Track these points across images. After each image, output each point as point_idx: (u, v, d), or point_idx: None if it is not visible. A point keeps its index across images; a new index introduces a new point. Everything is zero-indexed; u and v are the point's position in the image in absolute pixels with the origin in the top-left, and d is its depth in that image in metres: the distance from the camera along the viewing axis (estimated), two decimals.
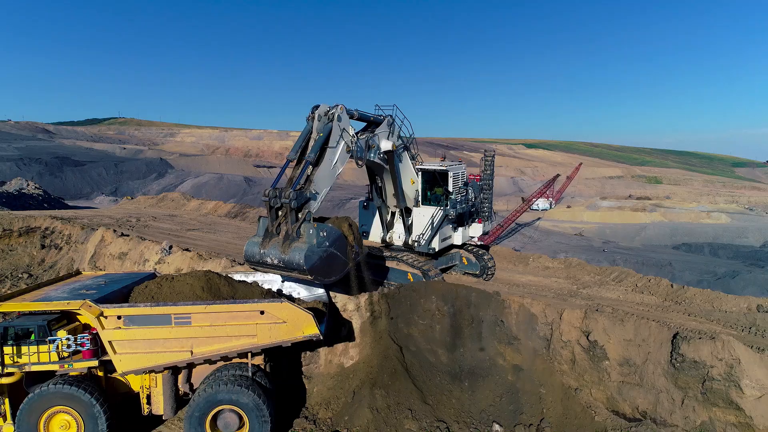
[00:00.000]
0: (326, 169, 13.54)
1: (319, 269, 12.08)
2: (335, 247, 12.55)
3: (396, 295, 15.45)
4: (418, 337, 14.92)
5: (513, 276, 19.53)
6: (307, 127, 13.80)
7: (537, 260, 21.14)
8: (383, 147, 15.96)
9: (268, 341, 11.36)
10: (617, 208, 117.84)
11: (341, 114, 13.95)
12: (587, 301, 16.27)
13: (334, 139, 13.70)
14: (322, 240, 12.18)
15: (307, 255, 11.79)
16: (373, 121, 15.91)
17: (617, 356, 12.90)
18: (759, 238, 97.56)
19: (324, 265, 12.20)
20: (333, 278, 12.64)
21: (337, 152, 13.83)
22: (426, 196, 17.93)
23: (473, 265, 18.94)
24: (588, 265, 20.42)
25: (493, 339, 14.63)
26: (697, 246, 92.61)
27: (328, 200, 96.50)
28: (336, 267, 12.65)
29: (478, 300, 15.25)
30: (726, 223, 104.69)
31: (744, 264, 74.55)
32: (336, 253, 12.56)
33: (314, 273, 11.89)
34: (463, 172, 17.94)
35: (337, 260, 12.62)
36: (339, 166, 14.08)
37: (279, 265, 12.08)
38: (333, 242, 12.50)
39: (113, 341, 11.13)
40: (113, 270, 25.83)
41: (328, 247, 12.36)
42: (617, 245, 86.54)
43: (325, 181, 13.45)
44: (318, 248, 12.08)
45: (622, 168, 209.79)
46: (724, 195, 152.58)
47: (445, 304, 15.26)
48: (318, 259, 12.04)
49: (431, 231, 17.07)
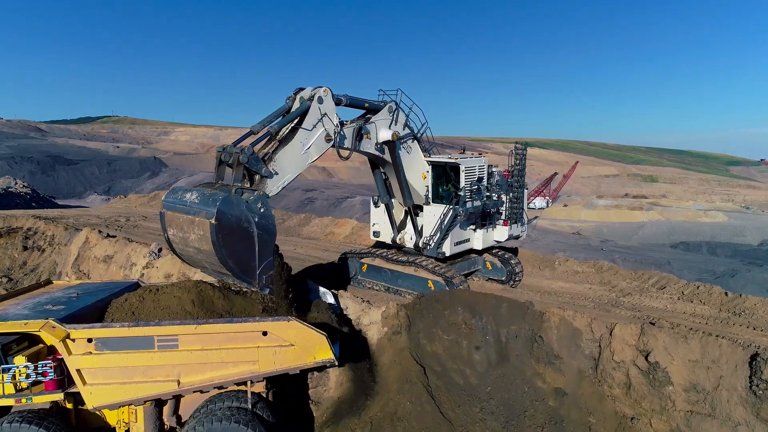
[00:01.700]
0: (294, 151, 11.77)
1: (228, 232, 9.70)
2: (267, 230, 10.36)
3: (417, 306, 13.49)
4: (443, 355, 12.97)
5: (541, 282, 17.61)
6: (284, 105, 12.14)
7: (564, 264, 19.23)
8: (382, 137, 14.00)
9: (272, 368, 9.35)
10: (614, 207, 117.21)
11: (324, 96, 12.17)
12: (633, 312, 14.37)
13: (310, 121, 11.96)
14: (257, 208, 10.15)
15: (226, 204, 9.73)
16: (371, 107, 13.97)
17: (682, 380, 10.99)
18: (757, 236, 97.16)
19: (236, 233, 9.85)
20: (234, 263, 9.94)
21: (312, 137, 12.05)
22: (437, 192, 15.94)
23: (498, 270, 16.96)
24: (621, 270, 18.54)
25: (530, 357, 12.70)
26: (694, 245, 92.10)
27: (324, 199, 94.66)
28: (247, 250, 10.09)
29: (510, 312, 13.32)
30: (723, 221, 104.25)
31: (742, 263, 73.91)
32: (263, 235, 10.24)
33: (219, 233, 9.56)
34: (481, 166, 15.88)
35: (256, 244, 10.15)
36: (313, 153, 12.22)
37: (185, 209, 10.12)
38: (268, 223, 10.36)
39: (82, 369, 9.08)
40: (98, 275, 23.74)
41: (259, 219, 10.17)
42: (615, 244, 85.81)
43: (290, 163, 11.68)
44: (245, 209, 9.99)
45: (617, 167, 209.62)
46: (720, 194, 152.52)
47: (472, 317, 13.32)
48: (236, 219, 9.85)
49: (440, 232, 15.07)
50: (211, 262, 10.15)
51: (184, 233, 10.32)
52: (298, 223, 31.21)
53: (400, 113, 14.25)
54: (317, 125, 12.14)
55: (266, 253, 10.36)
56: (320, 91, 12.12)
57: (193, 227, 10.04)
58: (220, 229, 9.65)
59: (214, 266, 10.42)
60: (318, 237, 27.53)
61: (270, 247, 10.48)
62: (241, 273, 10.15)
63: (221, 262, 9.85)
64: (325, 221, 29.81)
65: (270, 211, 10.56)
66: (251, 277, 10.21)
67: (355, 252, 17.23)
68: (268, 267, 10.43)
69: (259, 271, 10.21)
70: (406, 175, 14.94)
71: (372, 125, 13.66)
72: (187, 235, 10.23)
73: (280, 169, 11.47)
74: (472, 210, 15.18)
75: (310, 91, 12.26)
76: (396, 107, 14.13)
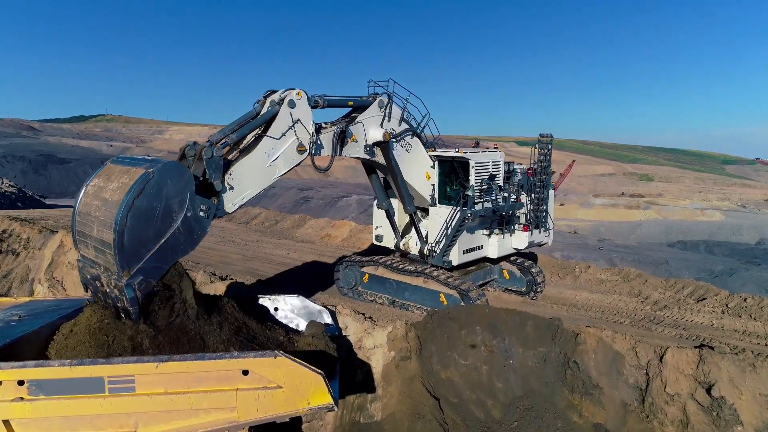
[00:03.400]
0: (256, 163, 9.95)
1: (153, 195, 8.00)
2: (189, 234, 8.50)
3: (428, 325, 11.59)
4: (460, 383, 11.08)
5: (563, 292, 15.74)
6: (251, 111, 10.30)
7: (586, 271, 17.38)
8: (372, 138, 12.11)
9: (255, 416, 7.39)
10: (611, 206, 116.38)
11: (297, 100, 10.31)
12: (677, 330, 12.57)
13: (278, 128, 10.14)
14: (199, 206, 8.52)
15: (175, 169, 8.24)
16: (356, 105, 12.11)
17: (754, 420, 9.16)
18: (754, 235, 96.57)
19: (160, 204, 8.12)
20: (127, 233, 7.86)
21: (280, 147, 10.21)
22: (445, 192, 14.01)
23: (517, 280, 15.07)
24: (650, 277, 16.71)
25: (562, 387, 10.83)
26: (692, 244, 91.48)
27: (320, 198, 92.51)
28: (152, 233, 8.14)
29: (536, 331, 11.44)
30: (720, 220, 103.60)
31: (740, 262, 73.18)
32: (180, 236, 8.35)
33: (145, 188, 7.94)
34: (495, 162, 13.92)
35: (165, 236, 8.21)
36: (280, 166, 10.39)
37: (132, 162, 8.44)
38: (195, 230, 8.55)
39: (12, 421, 7.10)
40: (71, 283, 21.73)
41: (192, 217, 8.42)
42: (613, 243, 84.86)
43: (250, 178, 9.86)
44: (188, 193, 8.33)
45: (614, 165, 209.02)
46: (716, 192, 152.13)
47: (493, 337, 11.44)
48: (172, 191, 8.19)
49: (446, 238, 13.15)
50: (104, 220, 7.99)
51: (106, 182, 8.41)
52: (292, 224, 29.25)
53: (393, 107, 12.33)
54: (287, 133, 10.30)
55: (166, 255, 8.26)
56: (292, 94, 10.30)
57: (122, 176, 8.20)
58: (148, 186, 7.88)
59: (101, 229, 8.11)
60: (313, 240, 25.60)
61: (174, 255, 8.39)
62: (123, 251, 7.81)
63: (113, 225, 7.75)
64: (321, 223, 27.88)
65: (207, 224, 8.78)
66: (128, 262, 7.90)
67: (355, 259, 15.28)
68: (153, 271, 8.18)
69: (141, 264, 7.98)
70: (405, 177, 13.04)
71: (358, 126, 11.75)
72: (108, 184, 8.31)
73: (236, 183, 9.61)
74: (482, 212, 13.21)
75: (280, 95, 10.41)
76: (388, 101, 12.21)
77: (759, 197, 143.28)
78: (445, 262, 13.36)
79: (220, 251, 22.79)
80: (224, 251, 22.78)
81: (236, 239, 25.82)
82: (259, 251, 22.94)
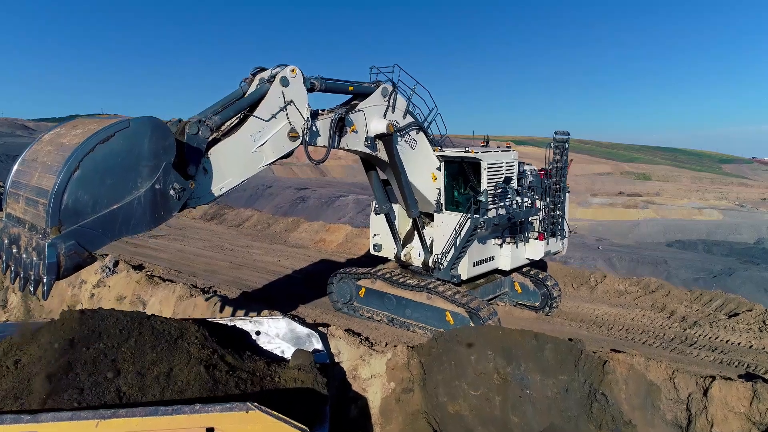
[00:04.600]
0: (240, 148, 8.61)
1: (126, 148, 6.68)
2: (162, 202, 7.24)
3: (433, 350, 10.13)
4: (469, 417, 9.65)
5: (580, 306, 14.34)
6: (236, 91, 9.01)
7: (603, 281, 15.96)
8: (374, 129, 10.81)
9: None
10: (609, 205, 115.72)
11: (290, 77, 8.99)
12: (716, 353, 11.20)
13: (267, 108, 8.81)
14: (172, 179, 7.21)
15: (157, 125, 7.03)
16: (357, 92, 10.78)
17: None
18: (753, 234, 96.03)
19: (131, 160, 6.76)
20: (74, 187, 6.32)
21: (268, 131, 8.87)
22: (452, 197, 12.58)
23: (530, 294, 13.63)
24: (673, 288, 15.33)
25: (587, 422, 9.40)
26: (690, 243, 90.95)
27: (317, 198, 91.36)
28: (114, 190, 6.73)
29: (556, 356, 9.99)
30: (718, 219, 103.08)
31: (739, 261, 72.56)
32: (149, 199, 7.03)
33: (114, 136, 6.62)
34: (510, 163, 12.49)
35: (129, 195, 6.84)
36: (269, 154, 9.00)
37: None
38: (164, 200, 7.27)
39: None
40: None
41: (163, 185, 7.12)
42: (611, 242, 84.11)
43: (232, 163, 8.52)
44: (165, 160, 7.07)
45: (611, 165, 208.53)
46: (713, 191, 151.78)
47: (507, 364, 9.99)
48: (149, 145, 6.88)
49: (455, 249, 11.71)
50: (50, 164, 6.47)
51: (70, 130, 7.08)
52: (284, 228, 27.77)
53: (398, 97, 10.93)
54: (278, 116, 8.95)
55: (113, 226, 6.73)
56: (285, 71, 8.97)
57: (91, 124, 6.90)
58: (120, 135, 6.59)
59: (43, 175, 6.58)
60: (307, 245, 24.13)
61: (123, 229, 6.88)
62: (61, 202, 6.20)
63: (60, 168, 6.20)
64: (315, 226, 26.40)
65: (176, 207, 7.48)
66: (62, 217, 6.26)
67: (350, 271, 13.80)
68: (90, 239, 6.51)
69: (79, 225, 6.38)
70: (410, 177, 11.61)
71: (359, 114, 10.37)
72: (72, 131, 6.95)
73: (215, 168, 8.27)
74: (496, 220, 11.76)
75: (271, 72, 9.08)
76: (393, 89, 10.83)
77: (756, 196, 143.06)
78: (453, 276, 11.92)
79: (207, 258, 21.31)
80: (211, 258, 21.31)
81: (225, 244, 24.34)
82: (248, 258, 21.48)
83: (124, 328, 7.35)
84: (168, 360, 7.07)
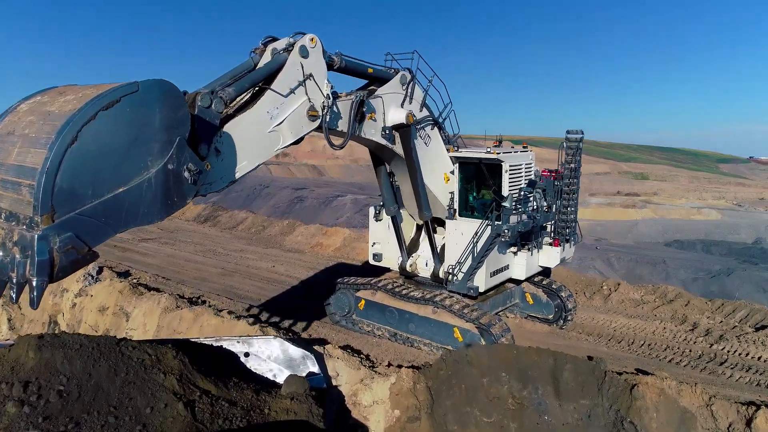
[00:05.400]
0: (256, 126, 7.56)
1: (132, 116, 5.44)
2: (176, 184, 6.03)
3: (441, 371, 9.18)
4: None
5: (596, 318, 13.41)
6: (246, 62, 7.88)
7: (617, 289, 15.04)
8: (392, 119, 9.87)
9: None
10: (607, 205, 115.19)
11: (309, 47, 8.00)
12: (749, 373, 10.24)
13: (285, 81, 7.77)
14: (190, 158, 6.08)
15: (171, 89, 5.83)
16: (376, 75, 9.85)
17: None
18: (751, 234, 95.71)
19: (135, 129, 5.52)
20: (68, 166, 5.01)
21: (286, 108, 7.84)
22: (467, 202, 11.63)
23: (543, 305, 12.70)
24: (692, 297, 14.45)
25: None
26: (689, 243, 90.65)
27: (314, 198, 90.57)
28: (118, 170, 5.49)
29: (577, 378, 9.06)
30: (717, 219, 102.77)
31: (738, 261, 72.25)
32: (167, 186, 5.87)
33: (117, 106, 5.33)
34: (528, 165, 11.59)
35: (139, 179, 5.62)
36: (286, 134, 7.97)
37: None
38: (177, 183, 6.05)
39: None
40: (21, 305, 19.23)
41: (167, 164, 5.84)
42: (609, 242, 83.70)
43: (248, 144, 7.41)
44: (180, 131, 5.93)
45: (609, 164, 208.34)
46: (711, 191, 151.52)
47: (523, 387, 9.05)
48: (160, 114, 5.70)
49: (473, 260, 10.75)
50: (35, 137, 5.23)
51: (56, 97, 5.79)
52: (280, 231, 26.76)
53: (416, 87, 9.94)
54: (297, 91, 7.90)
55: (119, 214, 5.48)
56: (305, 39, 7.98)
57: (86, 90, 5.65)
58: (126, 101, 5.34)
59: (25, 149, 5.31)
60: (303, 249, 23.15)
61: (131, 218, 5.63)
62: (54, 183, 4.91)
63: (51, 141, 4.93)
64: (312, 230, 25.41)
65: (190, 192, 6.31)
66: (55, 202, 4.92)
67: (349, 281, 12.81)
68: (91, 231, 5.29)
69: (78, 212, 5.12)
70: (424, 176, 10.65)
71: (378, 101, 9.41)
72: (59, 98, 5.68)
73: (230, 148, 7.15)
74: (521, 228, 10.78)
75: (287, 41, 8.04)
76: (411, 78, 9.86)
77: (754, 196, 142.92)
78: (471, 288, 10.94)
79: (198, 264, 20.32)
80: (202, 264, 20.31)
81: (218, 248, 23.35)
82: (241, 263, 20.49)
83: (90, 357, 6.37)
84: (141, 398, 6.08)
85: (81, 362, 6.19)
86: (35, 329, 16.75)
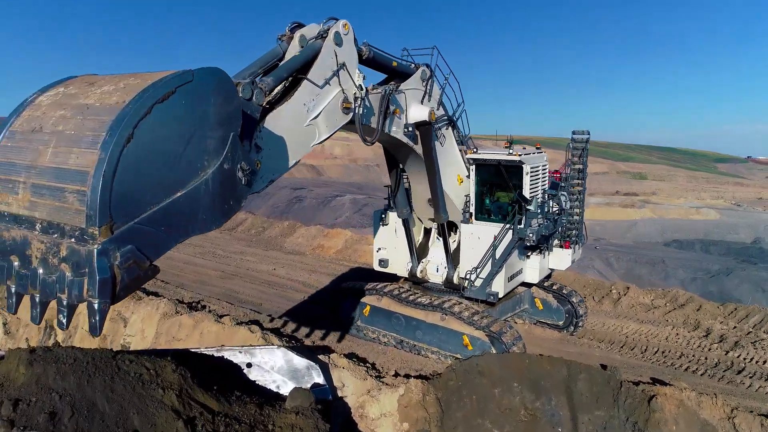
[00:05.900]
0: (293, 121, 6.98)
1: (188, 114, 4.79)
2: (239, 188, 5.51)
3: (450, 382, 8.85)
4: None
5: (606, 323, 13.11)
6: (274, 49, 7.17)
7: (626, 293, 14.73)
8: (414, 116, 9.47)
9: None
10: (605, 205, 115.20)
11: (343, 34, 7.51)
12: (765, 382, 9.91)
13: (320, 71, 7.22)
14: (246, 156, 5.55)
15: (223, 77, 5.26)
16: (397, 70, 9.42)
17: None
18: (750, 234, 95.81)
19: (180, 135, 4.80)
20: (135, 185, 4.46)
21: (322, 100, 7.33)
22: (482, 205, 11.29)
23: (553, 311, 12.38)
24: (704, 302, 14.15)
25: None
26: (688, 243, 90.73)
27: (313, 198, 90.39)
28: (169, 179, 4.82)
29: (591, 388, 8.74)
30: (715, 219, 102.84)
31: (737, 261, 72.33)
32: (224, 188, 5.27)
33: (171, 98, 4.62)
34: (544, 166, 11.27)
35: (195, 184, 4.98)
36: (322, 128, 7.46)
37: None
38: (232, 184, 5.43)
39: None
40: None
41: (223, 164, 5.16)
42: (608, 242, 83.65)
43: (285, 139, 6.84)
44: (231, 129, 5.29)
45: (607, 164, 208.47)
46: (709, 191, 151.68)
47: (536, 398, 8.72)
48: (219, 109, 5.12)
49: (492, 266, 10.40)
50: (76, 135, 4.56)
51: (84, 89, 5.11)
52: (280, 232, 26.41)
53: (434, 85, 9.59)
54: (332, 81, 7.41)
55: (179, 221, 4.84)
56: (338, 25, 7.48)
57: (124, 79, 5.02)
58: (183, 91, 4.69)
59: (65, 149, 4.60)
60: (304, 251, 22.80)
61: (191, 225, 5.01)
62: (112, 190, 4.21)
63: (106, 139, 4.24)
64: (313, 231, 25.07)
65: (245, 193, 5.71)
66: (113, 212, 4.26)
67: (353, 286, 12.46)
68: (152, 243, 4.67)
69: (136, 222, 4.46)
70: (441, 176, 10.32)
71: (401, 96, 9.04)
72: (90, 90, 4.99)
73: (268, 145, 6.56)
74: (545, 231, 10.41)
75: (319, 28, 7.52)
76: (430, 74, 9.52)
77: (752, 195, 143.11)
78: (490, 294, 10.58)
79: (197, 266, 19.97)
80: (202, 266, 19.97)
81: (218, 250, 23.00)
82: (241, 266, 20.15)
83: (84, 373, 6.02)
84: (139, 417, 5.73)
85: (75, 378, 5.83)
86: (31, 334, 16.36)
